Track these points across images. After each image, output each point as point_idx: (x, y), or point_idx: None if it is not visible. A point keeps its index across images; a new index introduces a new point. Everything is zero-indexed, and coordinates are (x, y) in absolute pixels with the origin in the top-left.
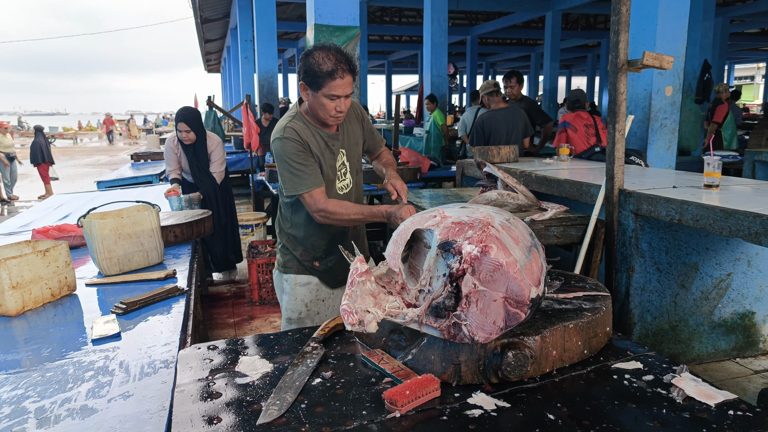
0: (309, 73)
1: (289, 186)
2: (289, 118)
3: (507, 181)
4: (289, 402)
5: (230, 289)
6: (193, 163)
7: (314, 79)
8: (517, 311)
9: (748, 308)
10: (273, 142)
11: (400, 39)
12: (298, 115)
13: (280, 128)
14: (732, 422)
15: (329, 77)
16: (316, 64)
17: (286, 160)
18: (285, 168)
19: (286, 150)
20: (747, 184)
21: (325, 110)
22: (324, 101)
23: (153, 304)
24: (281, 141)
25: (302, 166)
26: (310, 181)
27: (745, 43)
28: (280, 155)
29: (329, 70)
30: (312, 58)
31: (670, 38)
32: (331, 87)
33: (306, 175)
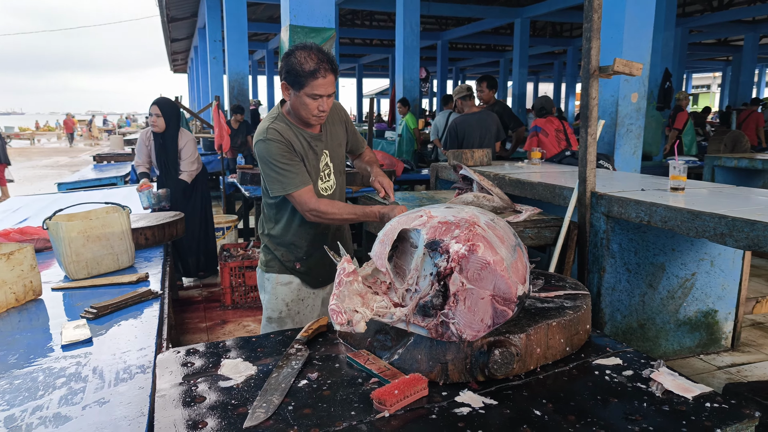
0: (291, 72)
1: (276, 187)
2: (270, 120)
3: (482, 184)
4: (275, 404)
5: (201, 293)
6: (160, 157)
7: (296, 79)
8: (504, 309)
9: (711, 307)
10: (256, 144)
11: (371, 42)
12: (280, 116)
13: (263, 130)
14: (709, 414)
15: (311, 77)
16: (298, 63)
17: (272, 161)
18: (270, 169)
19: (270, 151)
20: (709, 187)
21: (307, 110)
22: (306, 101)
23: (125, 308)
24: (265, 143)
25: (288, 166)
26: (297, 180)
27: (703, 52)
28: (264, 157)
29: (311, 70)
30: (294, 58)
31: (636, 46)
32: (313, 86)
33: (293, 174)
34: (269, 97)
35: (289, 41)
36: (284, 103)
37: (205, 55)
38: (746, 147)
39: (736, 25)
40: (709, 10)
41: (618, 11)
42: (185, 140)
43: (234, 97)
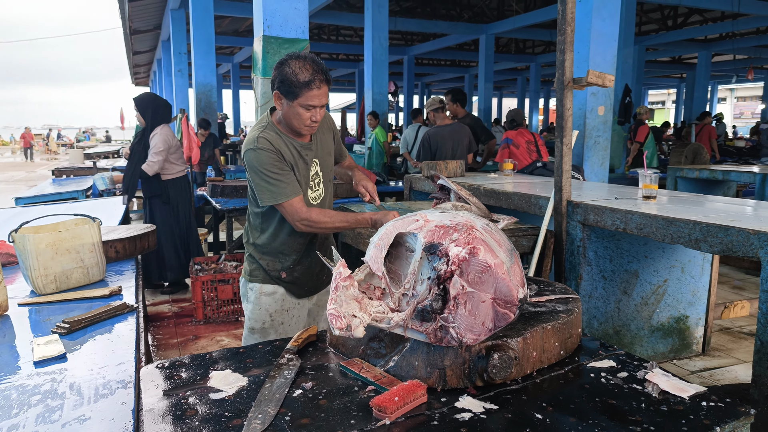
0: (285, 82)
1: (266, 197)
2: (260, 129)
3: (460, 194)
4: (271, 415)
5: (171, 308)
6: (132, 148)
7: (290, 89)
8: (506, 311)
9: (682, 312)
10: (246, 153)
11: (338, 57)
12: (270, 125)
13: (253, 139)
14: (707, 413)
15: (306, 87)
16: (293, 73)
17: (262, 171)
18: (261, 179)
19: (261, 160)
20: (678, 195)
21: (300, 120)
22: (300, 111)
23: (100, 323)
24: (255, 152)
25: (278, 175)
26: (288, 190)
27: (658, 70)
28: (254, 166)
29: (306, 80)
30: (288, 68)
31: (601, 61)
32: (308, 97)
33: (284, 184)
34: (235, 111)
35: (262, 52)
36: (273, 111)
37: (169, 67)
38: (706, 159)
39: (689, 43)
40: (665, 29)
41: (584, 28)
42: (155, 133)
43: (201, 109)
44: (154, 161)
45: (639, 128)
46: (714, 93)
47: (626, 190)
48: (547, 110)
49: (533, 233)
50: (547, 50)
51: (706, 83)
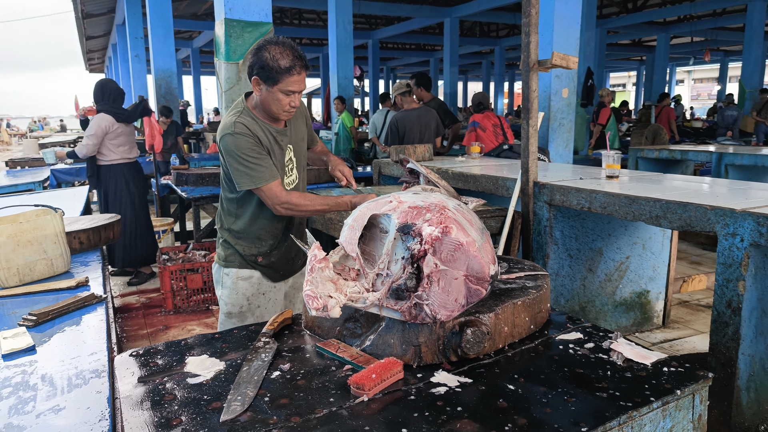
0: (265, 68)
1: (244, 181)
2: (236, 113)
3: (430, 177)
4: (251, 396)
5: (139, 299)
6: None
7: (270, 75)
8: (478, 287)
9: (643, 287)
10: (223, 138)
11: (301, 41)
12: (246, 111)
13: (230, 124)
14: (668, 377)
15: (287, 73)
16: (273, 59)
17: (240, 155)
18: (239, 163)
19: (239, 145)
20: (639, 175)
21: (279, 105)
22: (279, 96)
23: (67, 314)
24: (233, 136)
25: (257, 159)
26: (267, 174)
27: (619, 53)
28: (232, 151)
29: (287, 66)
30: (267, 53)
31: (565, 44)
32: (287, 83)
33: (263, 168)
34: (196, 97)
35: (225, 36)
36: (248, 96)
37: (125, 52)
38: (665, 139)
39: (649, 26)
40: (625, 12)
41: (547, 10)
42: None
43: (161, 96)
44: (84, 144)
45: (601, 111)
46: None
47: (590, 170)
48: (512, 93)
49: (501, 214)
50: (511, 33)
51: (665, 65)
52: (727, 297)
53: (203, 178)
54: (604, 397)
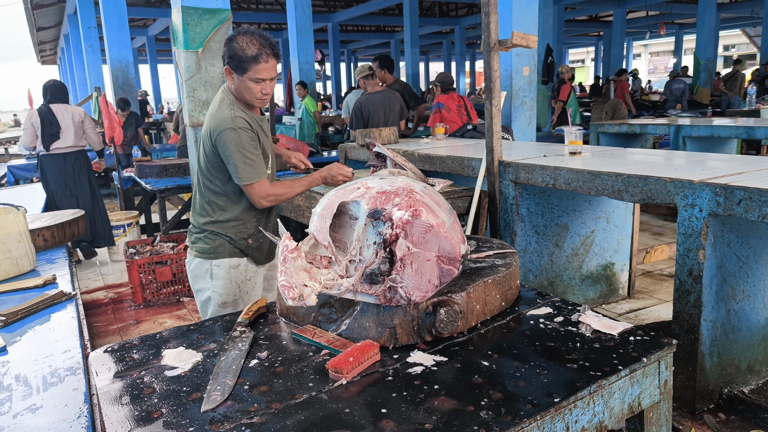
0: (234, 57)
1: (244, 176)
2: (230, 108)
3: (396, 160)
4: (230, 386)
5: (107, 294)
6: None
7: (240, 64)
8: (450, 267)
9: (608, 260)
10: (223, 132)
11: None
12: (235, 104)
13: (229, 117)
14: (634, 346)
15: (254, 61)
16: (241, 48)
17: (241, 151)
18: (239, 158)
19: (242, 140)
20: (600, 150)
21: (251, 93)
22: (250, 84)
23: (37, 313)
24: (236, 131)
25: (255, 155)
26: (261, 170)
27: (577, 29)
28: (235, 145)
29: (254, 55)
30: (236, 43)
31: (524, 22)
32: (256, 71)
33: (258, 164)
34: (154, 87)
35: (182, 24)
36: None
37: (78, 43)
38: (624, 114)
39: (605, 1)
40: None
41: None
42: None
43: (119, 87)
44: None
45: (561, 87)
46: (629, 49)
47: (553, 147)
48: (473, 73)
49: (468, 194)
50: (471, 12)
51: (622, 40)
52: (688, 266)
53: (167, 169)
54: (575, 368)
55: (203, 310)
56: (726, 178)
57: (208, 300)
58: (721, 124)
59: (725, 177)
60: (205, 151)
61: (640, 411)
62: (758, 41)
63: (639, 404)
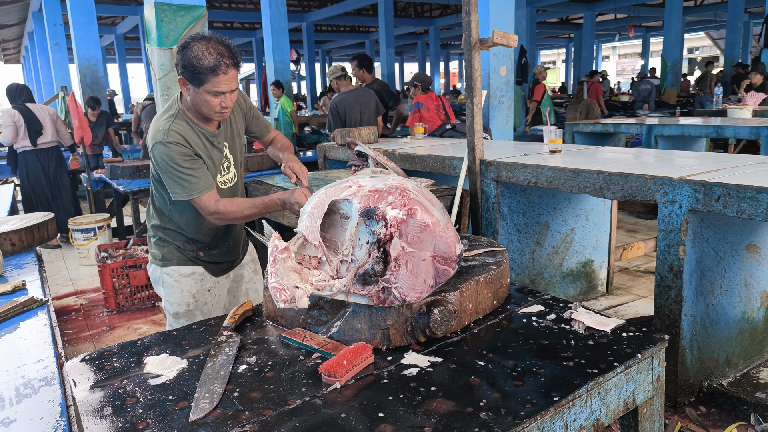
0: (188, 68)
1: (177, 192)
2: (170, 118)
3: (378, 159)
4: (219, 393)
5: (78, 300)
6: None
7: (195, 75)
8: (446, 267)
9: (588, 257)
10: (155, 147)
11: (232, 26)
12: (180, 114)
13: (163, 130)
14: (628, 342)
15: (212, 73)
16: (196, 58)
17: (172, 166)
18: (171, 175)
19: (172, 156)
20: (579, 149)
21: (209, 107)
22: (207, 98)
23: (6, 321)
24: (165, 146)
25: (190, 170)
26: (200, 185)
27: (548, 31)
28: (164, 161)
29: (211, 65)
30: (190, 51)
31: (501, 22)
32: (214, 83)
33: (195, 179)
34: (123, 87)
35: (156, 21)
36: (183, 96)
37: (43, 41)
38: (597, 114)
39: (576, 4)
40: None
41: None
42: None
43: (87, 86)
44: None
45: (536, 87)
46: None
47: (532, 146)
48: (447, 73)
49: (449, 193)
50: (445, 13)
51: (591, 42)
52: (669, 262)
53: (140, 170)
54: (571, 365)
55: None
56: (704, 175)
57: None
58: (692, 124)
59: (703, 174)
60: (150, 159)
61: (634, 407)
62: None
63: (634, 400)
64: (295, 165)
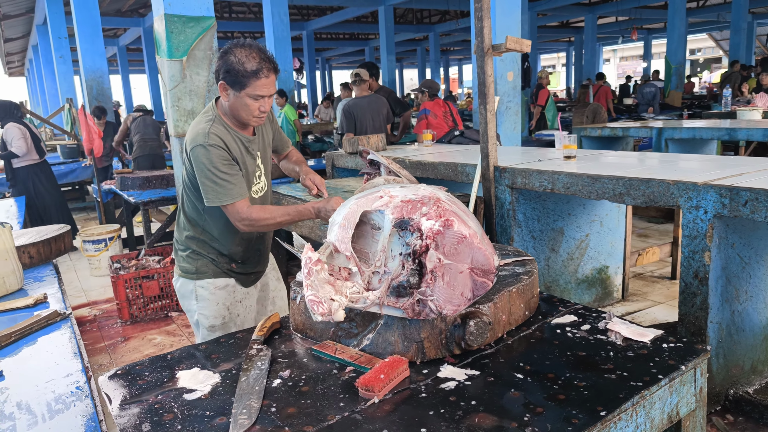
0: (231, 72)
1: (211, 196)
2: (209, 122)
3: (391, 167)
4: (256, 408)
5: (92, 311)
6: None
7: (237, 79)
8: (484, 280)
9: (603, 263)
10: (194, 149)
11: (233, 35)
12: (218, 118)
13: (203, 133)
14: (669, 353)
15: (254, 77)
16: (239, 62)
17: (210, 170)
18: (208, 178)
19: (211, 158)
20: (593, 153)
21: (248, 111)
22: (248, 101)
23: (31, 335)
24: (206, 148)
25: (227, 175)
26: (235, 192)
27: (548, 35)
28: (203, 164)
29: (254, 70)
30: (233, 56)
31: (506, 28)
32: (255, 87)
33: (231, 185)
34: (127, 98)
35: (165, 32)
36: (217, 101)
37: (48, 54)
38: (604, 117)
39: (576, 7)
40: None
41: None
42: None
43: (93, 98)
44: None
45: (540, 92)
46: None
47: (542, 151)
48: (447, 79)
49: (463, 201)
50: (444, 19)
51: (593, 45)
52: (693, 268)
53: (150, 181)
54: (613, 378)
55: (196, 332)
56: (729, 179)
57: (197, 323)
58: (703, 126)
59: (728, 178)
60: (185, 165)
61: (678, 420)
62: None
63: (677, 413)
64: (315, 177)
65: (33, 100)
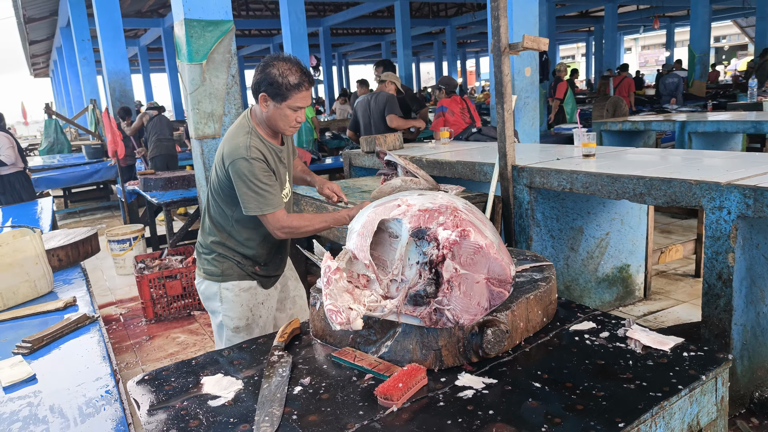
0: (274, 84)
1: (252, 206)
2: (247, 135)
3: (408, 168)
4: (278, 416)
5: (118, 310)
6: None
7: (279, 91)
8: (501, 290)
9: (624, 262)
10: (236, 161)
11: (249, 33)
12: (253, 131)
13: (244, 146)
14: (690, 362)
15: (296, 89)
16: (281, 75)
17: (253, 181)
18: (250, 188)
19: (253, 170)
20: (613, 151)
21: (286, 121)
22: (288, 113)
23: (62, 338)
24: (248, 161)
25: (268, 186)
26: (275, 201)
27: (567, 25)
28: (245, 175)
29: (296, 83)
30: (276, 69)
31: (525, 23)
32: (296, 99)
33: (271, 195)
34: (147, 96)
35: (186, 37)
36: (250, 112)
37: (72, 56)
38: (625, 111)
39: None
40: None
41: None
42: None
43: (116, 99)
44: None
45: (558, 85)
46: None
47: (561, 148)
48: (464, 72)
49: (481, 200)
50: (460, 12)
51: (614, 35)
52: (717, 269)
53: (172, 182)
54: (632, 388)
55: (218, 334)
56: (753, 179)
57: (221, 324)
58: (728, 119)
59: (752, 178)
60: (217, 174)
61: (698, 430)
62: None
63: (698, 423)
64: (332, 185)
65: (58, 101)
